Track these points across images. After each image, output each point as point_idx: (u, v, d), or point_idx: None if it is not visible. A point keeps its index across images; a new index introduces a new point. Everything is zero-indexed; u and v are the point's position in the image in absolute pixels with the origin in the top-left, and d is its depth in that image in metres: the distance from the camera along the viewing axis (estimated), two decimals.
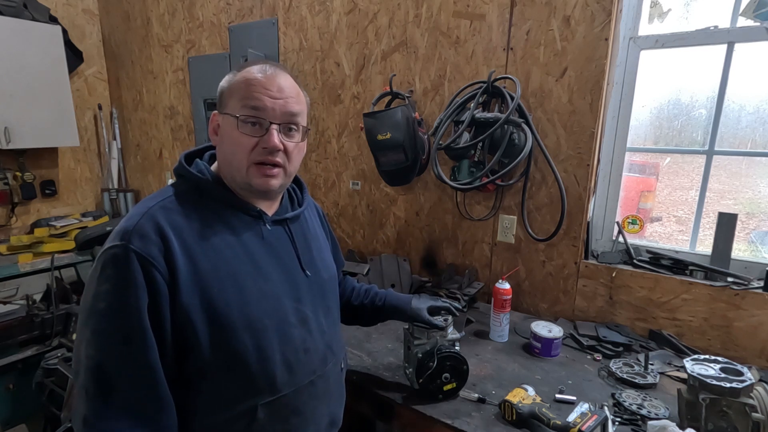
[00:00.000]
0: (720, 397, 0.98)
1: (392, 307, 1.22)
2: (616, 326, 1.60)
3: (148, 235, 0.75)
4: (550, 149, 1.64)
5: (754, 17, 1.39)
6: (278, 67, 0.88)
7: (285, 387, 0.86)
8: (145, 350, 0.73)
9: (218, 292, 0.79)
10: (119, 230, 0.77)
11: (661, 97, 1.63)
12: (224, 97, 0.86)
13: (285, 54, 2.34)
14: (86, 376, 0.73)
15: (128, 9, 3.13)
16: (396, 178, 1.94)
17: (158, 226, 0.77)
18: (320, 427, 0.96)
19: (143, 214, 0.78)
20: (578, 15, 1.53)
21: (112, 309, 0.73)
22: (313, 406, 0.92)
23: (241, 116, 0.82)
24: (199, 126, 2.87)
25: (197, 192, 0.86)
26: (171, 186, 0.87)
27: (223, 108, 0.86)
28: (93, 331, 0.73)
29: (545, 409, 1.08)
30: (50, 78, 2.86)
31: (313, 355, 0.91)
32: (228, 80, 0.87)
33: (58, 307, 2.05)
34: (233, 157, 0.85)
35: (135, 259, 0.73)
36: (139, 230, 0.75)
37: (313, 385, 0.91)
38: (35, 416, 2.01)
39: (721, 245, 1.48)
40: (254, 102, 0.82)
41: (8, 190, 2.99)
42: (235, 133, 0.83)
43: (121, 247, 0.74)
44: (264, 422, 0.84)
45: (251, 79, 0.84)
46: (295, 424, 0.89)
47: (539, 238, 1.70)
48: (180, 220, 0.80)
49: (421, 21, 1.87)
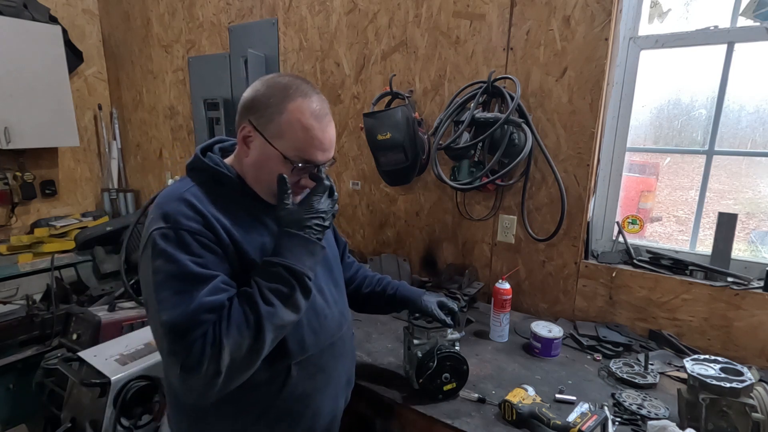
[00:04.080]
0: (720, 397, 0.98)
1: (404, 297, 1.25)
2: (616, 326, 1.60)
3: (188, 214, 0.83)
4: (550, 149, 1.64)
5: (754, 17, 1.39)
6: (325, 103, 0.92)
7: (312, 348, 0.97)
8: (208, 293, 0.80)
9: (251, 262, 0.88)
10: (158, 215, 0.83)
11: (661, 97, 1.63)
12: (271, 126, 0.88)
13: (285, 54, 2.34)
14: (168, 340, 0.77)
15: (128, 9, 3.13)
16: (396, 178, 1.94)
17: (193, 206, 0.85)
18: (340, 383, 1.08)
19: (176, 199, 0.85)
20: (578, 15, 1.53)
21: (174, 269, 0.79)
22: (333, 365, 1.04)
23: (295, 163, 0.89)
24: (199, 126, 2.87)
25: (216, 183, 0.92)
26: (187, 178, 0.93)
27: (268, 133, 0.88)
28: (160, 300, 0.79)
29: (545, 409, 1.08)
30: (50, 78, 2.86)
31: (331, 321, 1.03)
32: (277, 106, 0.87)
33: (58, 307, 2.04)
34: (269, 182, 0.91)
35: (185, 234, 0.81)
36: (179, 212, 0.83)
37: (333, 346, 1.03)
38: (35, 416, 2.00)
39: (721, 245, 1.48)
40: (309, 157, 0.89)
41: (8, 190, 2.99)
42: (280, 168, 0.89)
43: (167, 227, 0.81)
44: (296, 379, 0.95)
45: (309, 130, 0.88)
46: (321, 380, 1.00)
47: (539, 238, 1.70)
48: (208, 204, 0.87)
49: (421, 21, 1.87)
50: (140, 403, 1.36)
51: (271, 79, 0.91)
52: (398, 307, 1.28)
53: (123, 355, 1.42)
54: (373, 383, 1.28)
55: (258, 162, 0.91)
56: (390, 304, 1.28)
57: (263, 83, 0.91)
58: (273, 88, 0.89)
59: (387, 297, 1.26)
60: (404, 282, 1.31)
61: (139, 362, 1.39)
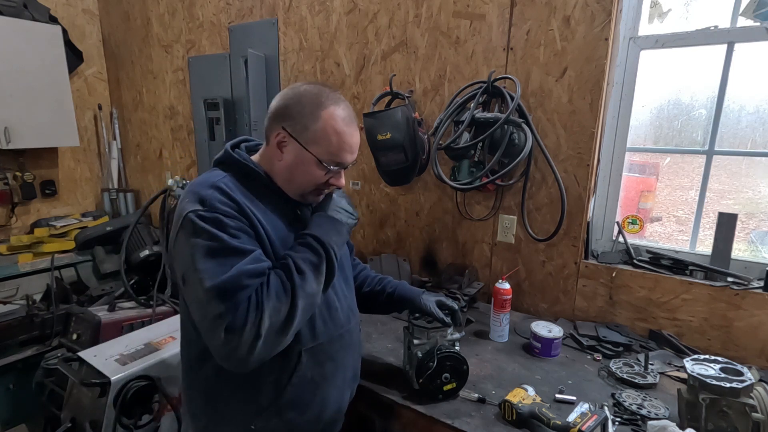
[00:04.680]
0: (720, 397, 0.98)
1: (403, 296, 1.28)
2: (616, 326, 1.60)
3: (222, 200, 0.89)
4: (550, 149, 1.64)
5: (754, 17, 1.38)
6: (350, 109, 1.01)
7: (322, 336, 1.03)
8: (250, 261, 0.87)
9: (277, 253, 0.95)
10: (193, 199, 0.89)
11: (661, 97, 1.63)
12: (307, 133, 0.96)
13: (285, 54, 2.34)
14: (214, 304, 0.82)
15: (128, 9, 3.13)
16: (396, 178, 1.94)
17: (227, 194, 0.91)
18: (347, 375, 1.12)
19: (210, 185, 0.91)
20: (578, 15, 1.53)
21: (215, 244, 0.85)
22: (342, 356, 1.09)
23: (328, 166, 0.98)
24: (199, 126, 2.87)
25: (245, 177, 0.99)
26: (217, 170, 1.00)
27: (303, 139, 0.96)
28: (203, 271, 0.84)
29: (545, 409, 1.08)
30: (50, 78, 2.86)
31: (340, 313, 1.08)
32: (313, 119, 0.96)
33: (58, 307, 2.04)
34: (301, 182, 1.00)
35: (221, 216, 0.87)
36: (214, 197, 0.89)
37: (342, 337, 1.08)
38: (35, 416, 2.01)
39: (721, 245, 1.48)
40: (341, 160, 0.99)
41: (8, 190, 2.99)
42: (314, 170, 0.98)
43: (205, 210, 0.87)
44: (306, 365, 1.00)
45: (342, 134, 0.97)
46: (329, 368, 1.05)
47: (539, 238, 1.70)
48: (239, 194, 0.93)
49: (421, 21, 1.87)
50: (140, 403, 1.36)
51: (301, 88, 0.99)
52: (397, 307, 1.30)
53: (123, 355, 1.42)
54: (373, 383, 1.28)
55: (293, 165, 0.98)
56: (389, 304, 1.29)
57: (293, 91, 0.99)
58: (304, 96, 0.97)
59: (386, 296, 1.28)
60: (404, 281, 1.33)
61: (139, 362, 1.39)
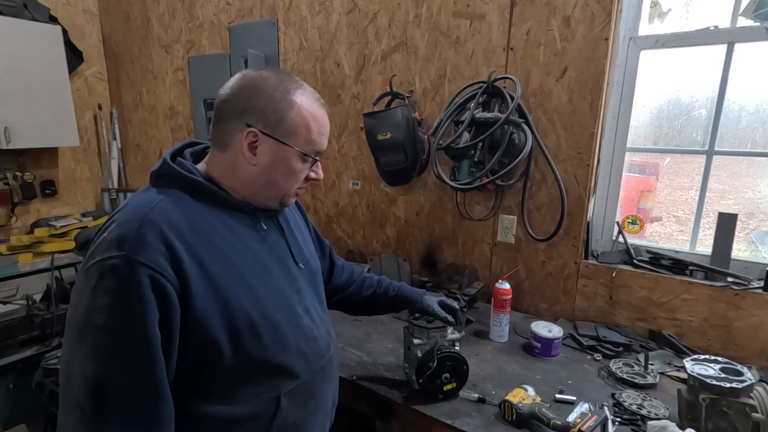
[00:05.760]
0: (720, 397, 0.98)
1: (405, 297, 1.25)
2: (616, 326, 1.60)
3: (152, 244, 0.70)
4: (550, 149, 1.64)
5: (754, 17, 1.38)
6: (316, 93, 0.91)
7: (303, 374, 0.90)
8: (151, 365, 0.69)
9: (232, 295, 0.78)
10: (115, 239, 0.70)
11: (661, 97, 1.63)
12: (282, 125, 0.83)
13: (285, 54, 2.34)
14: (83, 394, 0.67)
15: (128, 9, 3.13)
16: (396, 178, 1.94)
17: (161, 232, 0.72)
18: (327, 407, 1.01)
19: (142, 220, 0.72)
20: (578, 15, 1.53)
21: (113, 323, 0.68)
22: (324, 389, 0.98)
23: (310, 156, 0.87)
24: (199, 126, 2.87)
25: (189, 192, 0.81)
26: (153, 187, 0.81)
27: (278, 133, 0.83)
28: (91, 346, 0.68)
29: (545, 409, 1.08)
30: (50, 78, 2.85)
31: (320, 341, 0.95)
32: (285, 108, 0.82)
33: (58, 307, 2.04)
34: (284, 184, 0.87)
35: (140, 271, 0.68)
36: (141, 238, 0.70)
37: (324, 369, 0.96)
38: (35, 416, 2.01)
39: (721, 245, 1.48)
40: (320, 147, 0.89)
41: (8, 190, 2.99)
42: (296, 166, 0.86)
43: (123, 257, 0.68)
44: (287, 410, 0.87)
45: (319, 119, 0.87)
46: (311, 407, 0.93)
47: (539, 238, 1.70)
48: (180, 223, 0.75)
49: (421, 21, 1.87)
50: None
51: (256, 77, 0.83)
52: (399, 308, 1.28)
53: None
54: (373, 383, 1.28)
55: (271, 166, 0.84)
56: (391, 305, 1.28)
57: (248, 82, 0.83)
58: (266, 84, 0.82)
59: (388, 298, 1.25)
60: (404, 283, 1.31)
61: None
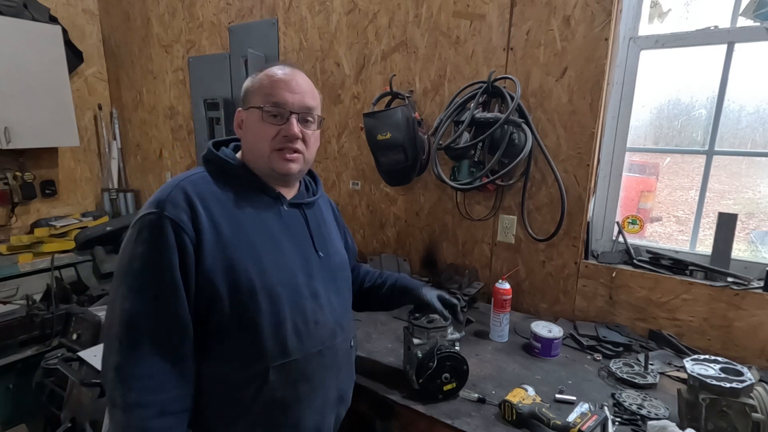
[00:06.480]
0: (720, 397, 0.98)
1: (404, 287, 1.26)
2: (616, 326, 1.60)
3: (179, 204, 0.86)
4: (550, 149, 1.64)
5: (754, 17, 1.38)
6: (295, 67, 1.00)
7: (295, 352, 0.93)
8: (176, 303, 0.84)
9: (238, 258, 0.88)
10: (153, 200, 0.87)
11: (661, 97, 1.63)
12: (248, 95, 0.98)
13: (285, 54, 2.34)
14: (121, 328, 0.83)
15: (128, 9, 3.13)
16: (396, 178, 1.94)
17: (187, 196, 0.88)
18: (329, 399, 1.02)
19: (174, 186, 0.89)
20: (578, 15, 1.53)
21: (146, 267, 0.84)
22: (322, 376, 0.99)
23: (264, 108, 0.94)
24: (199, 126, 2.87)
25: (224, 174, 0.96)
26: (201, 167, 0.98)
27: (247, 104, 0.97)
28: (129, 288, 0.83)
29: (545, 409, 1.08)
30: (50, 78, 2.86)
31: (322, 328, 0.98)
32: (251, 80, 0.98)
33: (58, 307, 2.04)
34: (256, 146, 0.96)
35: (168, 224, 0.83)
36: (172, 199, 0.86)
37: (322, 355, 0.98)
38: (35, 416, 2.01)
39: (721, 245, 1.48)
40: (276, 98, 0.94)
41: (8, 190, 2.99)
42: (259, 124, 0.94)
43: (156, 214, 0.84)
44: (274, 385, 0.91)
45: (273, 77, 0.96)
46: (304, 390, 0.95)
47: (539, 238, 1.70)
48: (207, 194, 0.90)
49: (421, 21, 1.87)
50: None
51: None
52: (398, 298, 1.27)
53: None
54: (373, 383, 1.28)
55: (247, 132, 0.97)
56: (390, 296, 1.27)
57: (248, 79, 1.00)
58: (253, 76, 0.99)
59: (387, 288, 1.26)
60: (404, 274, 1.31)
61: None
